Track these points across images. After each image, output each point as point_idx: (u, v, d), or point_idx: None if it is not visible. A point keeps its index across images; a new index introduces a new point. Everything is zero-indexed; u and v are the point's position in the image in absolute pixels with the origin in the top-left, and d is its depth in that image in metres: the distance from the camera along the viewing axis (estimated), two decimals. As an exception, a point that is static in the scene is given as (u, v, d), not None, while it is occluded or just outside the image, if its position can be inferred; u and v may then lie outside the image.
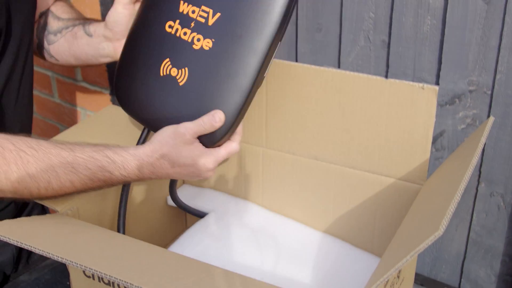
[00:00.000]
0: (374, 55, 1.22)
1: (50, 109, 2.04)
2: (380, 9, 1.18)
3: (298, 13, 1.28)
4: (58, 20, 1.33)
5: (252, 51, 0.99)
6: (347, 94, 1.07)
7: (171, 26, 1.04)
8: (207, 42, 1.01)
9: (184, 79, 1.03)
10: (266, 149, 1.22)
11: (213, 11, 1.00)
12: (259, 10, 0.98)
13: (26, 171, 0.97)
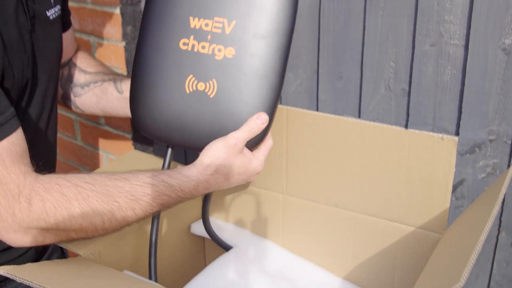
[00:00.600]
0: (395, 104, 1.23)
1: (73, 151, 2.07)
2: (400, 58, 1.20)
3: (319, 61, 1.30)
4: (84, 73, 1.37)
5: (277, 49, 1.04)
6: (367, 143, 1.08)
7: (186, 43, 1.06)
8: (230, 51, 1.04)
9: (213, 91, 1.05)
10: (287, 196, 1.24)
11: (228, 20, 1.04)
12: (274, 9, 1.03)
13: (88, 205, 0.98)
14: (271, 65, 1.04)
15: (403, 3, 1.15)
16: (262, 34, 1.04)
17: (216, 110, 1.06)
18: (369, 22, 1.20)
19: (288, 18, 1.04)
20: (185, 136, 1.09)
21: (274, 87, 1.05)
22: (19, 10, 1.09)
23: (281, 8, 1.03)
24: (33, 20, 1.14)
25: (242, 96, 1.05)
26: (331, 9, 1.24)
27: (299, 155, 1.18)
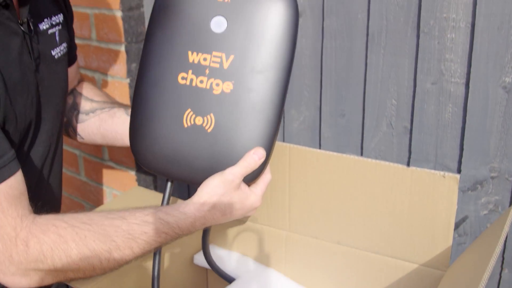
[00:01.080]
0: (397, 141, 1.25)
1: (76, 186, 2.08)
2: (402, 97, 1.22)
3: (321, 99, 1.32)
4: (91, 102, 1.39)
5: (275, 84, 1.04)
6: (369, 181, 1.10)
7: (184, 78, 1.07)
8: (227, 85, 1.05)
9: (211, 125, 1.06)
10: (289, 233, 1.24)
11: (226, 55, 1.05)
12: (272, 44, 1.04)
13: (86, 246, 0.98)
14: (269, 100, 1.05)
15: (405, 42, 1.18)
16: (260, 69, 1.04)
17: (213, 145, 1.06)
18: (371, 61, 1.23)
19: (287, 53, 1.05)
20: (183, 170, 1.10)
21: (272, 122, 1.05)
22: (24, 50, 1.11)
23: (279, 43, 1.04)
24: (38, 60, 1.16)
25: (240, 131, 1.05)
26: (333, 47, 1.27)
27: (302, 192, 1.19)
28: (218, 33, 1.06)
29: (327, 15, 1.25)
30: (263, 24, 1.04)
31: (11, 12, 1.09)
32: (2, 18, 1.07)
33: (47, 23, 1.22)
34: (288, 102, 1.38)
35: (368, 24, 1.21)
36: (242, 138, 1.05)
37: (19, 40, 1.10)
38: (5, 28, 1.08)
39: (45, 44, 1.20)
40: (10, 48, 1.08)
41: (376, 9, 1.19)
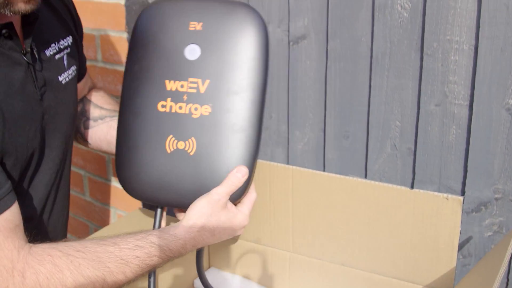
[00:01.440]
0: (401, 163, 1.26)
1: (81, 207, 2.10)
2: (406, 118, 1.23)
3: (326, 120, 1.33)
4: (100, 109, 1.41)
5: (252, 103, 1.08)
6: (373, 203, 1.10)
7: (164, 106, 1.11)
8: (205, 108, 1.08)
9: (193, 148, 1.08)
10: (293, 254, 1.25)
11: (202, 80, 1.09)
12: (246, 66, 1.08)
13: (80, 274, 0.99)
14: (247, 119, 1.08)
15: (408, 64, 1.19)
16: (236, 90, 1.08)
17: (197, 167, 1.09)
18: (375, 83, 1.24)
19: (260, 73, 1.09)
20: (170, 195, 1.12)
21: (252, 140, 1.09)
22: (28, 80, 1.12)
23: (252, 65, 1.08)
24: (44, 88, 1.16)
25: (221, 151, 1.08)
26: (337, 70, 1.28)
27: (306, 213, 1.20)
28: (193, 60, 1.10)
29: (331, 37, 1.27)
30: (236, 48, 1.09)
31: (15, 42, 1.09)
32: (5, 48, 1.08)
33: (55, 48, 1.22)
34: (292, 123, 1.39)
35: (372, 46, 1.22)
36: (224, 158, 1.08)
37: (23, 70, 1.11)
38: (8, 59, 1.08)
39: (51, 70, 1.20)
40: (13, 79, 1.08)
41: (380, 32, 1.20)
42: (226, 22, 1.11)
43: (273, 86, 1.39)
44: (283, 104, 1.39)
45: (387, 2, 1.17)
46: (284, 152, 1.43)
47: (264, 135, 1.45)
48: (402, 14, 1.17)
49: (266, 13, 1.35)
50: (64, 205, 1.34)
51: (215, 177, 1.08)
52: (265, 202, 1.26)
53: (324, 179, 1.16)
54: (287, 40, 1.34)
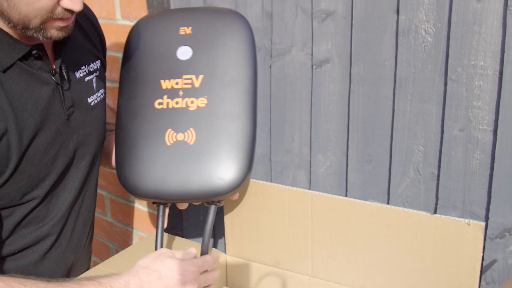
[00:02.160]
0: (424, 188, 1.26)
1: (102, 227, 2.12)
2: (429, 143, 1.23)
3: (348, 144, 1.34)
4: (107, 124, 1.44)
5: (245, 93, 1.15)
6: (394, 228, 1.11)
7: (160, 103, 1.17)
8: (201, 100, 1.15)
9: (192, 138, 1.14)
10: (312, 278, 1.25)
11: (196, 76, 1.17)
12: (237, 60, 1.17)
13: None
14: (241, 108, 1.14)
15: (432, 89, 1.19)
16: (229, 81, 1.15)
17: (197, 155, 1.13)
18: (398, 107, 1.25)
19: (250, 65, 1.18)
20: (173, 187, 1.15)
21: (247, 127, 1.15)
22: (55, 100, 1.15)
23: (241, 58, 1.17)
24: (72, 109, 1.20)
25: (220, 138, 1.13)
26: (360, 93, 1.29)
27: (325, 238, 1.21)
28: (185, 60, 1.18)
29: (354, 61, 1.28)
30: (224, 45, 1.18)
31: (44, 62, 1.13)
32: (34, 68, 1.12)
33: (85, 70, 1.26)
34: (314, 146, 1.40)
35: (396, 70, 1.23)
36: (222, 145, 1.13)
37: (51, 90, 1.15)
38: (37, 79, 1.13)
39: (81, 92, 1.24)
40: (40, 98, 1.12)
41: (404, 56, 1.21)
42: (213, 24, 1.20)
43: (296, 109, 1.41)
44: (305, 127, 1.41)
45: (411, 27, 1.19)
46: (306, 175, 1.44)
47: (286, 158, 1.46)
48: (426, 39, 1.18)
49: (289, 37, 1.37)
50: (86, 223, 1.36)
51: (215, 163, 1.12)
52: (284, 226, 1.27)
53: (344, 204, 1.17)
54: (310, 63, 1.35)
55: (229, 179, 1.13)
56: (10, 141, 1.07)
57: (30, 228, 1.20)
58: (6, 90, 1.07)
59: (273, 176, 1.50)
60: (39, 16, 1.02)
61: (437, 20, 1.15)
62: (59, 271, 1.31)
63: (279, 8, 1.37)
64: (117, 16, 1.72)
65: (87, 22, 1.34)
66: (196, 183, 1.12)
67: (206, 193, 1.14)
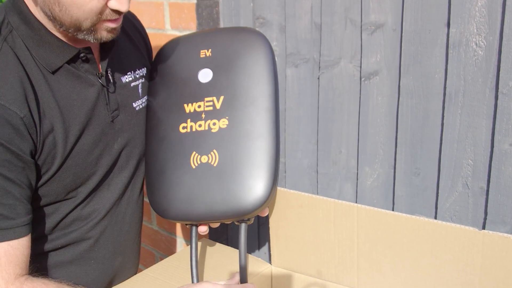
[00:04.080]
0: (472, 202, 1.26)
1: (148, 235, 2.16)
2: (479, 157, 1.23)
3: (396, 157, 1.35)
4: None
5: (265, 112, 1.17)
6: (440, 243, 1.11)
7: (184, 127, 1.21)
8: (223, 122, 1.18)
9: (216, 160, 1.17)
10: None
11: (216, 97, 1.20)
12: (257, 80, 1.19)
13: None
14: (262, 126, 1.16)
15: (482, 103, 1.20)
16: (249, 101, 1.17)
17: (221, 176, 1.16)
18: (447, 121, 1.25)
19: (270, 83, 1.19)
20: (199, 208, 1.18)
21: (269, 145, 1.16)
22: (100, 102, 1.21)
23: (261, 77, 1.19)
24: (117, 112, 1.25)
25: (243, 158, 1.15)
26: (409, 106, 1.30)
27: (371, 251, 1.22)
28: (206, 82, 1.22)
29: (403, 74, 1.30)
30: (244, 64, 1.20)
31: (91, 65, 1.19)
32: (81, 71, 1.18)
33: (131, 76, 1.31)
34: (362, 159, 1.41)
35: (446, 84, 1.24)
36: (246, 164, 1.15)
37: (96, 92, 1.20)
38: (83, 81, 1.19)
39: (126, 96, 1.29)
40: (85, 100, 1.19)
41: (454, 70, 1.22)
42: (232, 44, 1.23)
43: (343, 121, 1.42)
44: (353, 140, 1.42)
45: (462, 40, 1.19)
46: (353, 187, 1.45)
47: (332, 169, 1.48)
48: (477, 52, 1.18)
49: (338, 48, 1.39)
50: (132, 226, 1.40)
51: (239, 183, 1.15)
52: (329, 239, 1.28)
53: (390, 218, 1.18)
54: (358, 75, 1.37)
55: (254, 198, 1.15)
56: (56, 139, 1.14)
57: (74, 226, 1.26)
58: (54, 90, 1.14)
59: (319, 188, 1.52)
60: (90, 18, 1.08)
61: (488, 33, 1.16)
62: (106, 272, 1.35)
63: (328, 20, 1.39)
64: (166, 26, 1.77)
65: (134, 31, 1.40)
66: (222, 204, 1.15)
67: (233, 213, 1.17)
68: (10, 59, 1.10)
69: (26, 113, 1.07)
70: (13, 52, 1.11)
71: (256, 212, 1.18)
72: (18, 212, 1.09)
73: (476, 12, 1.16)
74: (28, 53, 1.12)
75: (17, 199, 1.09)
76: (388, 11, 1.29)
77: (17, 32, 1.12)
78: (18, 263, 1.10)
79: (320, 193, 1.52)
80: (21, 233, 1.10)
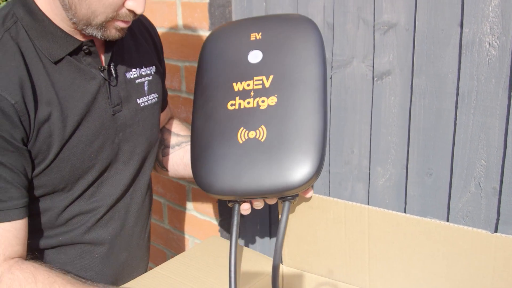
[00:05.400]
0: (485, 202, 1.26)
1: (159, 234, 2.17)
2: (492, 157, 1.23)
3: (408, 157, 1.35)
4: (177, 136, 1.50)
5: (314, 91, 1.18)
6: (452, 245, 1.11)
7: (233, 104, 1.22)
8: (272, 99, 1.19)
9: (264, 135, 1.18)
10: (370, 291, 1.26)
11: (266, 76, 1.21)
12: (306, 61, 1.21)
13: None
14: (311, 105, 1.17)
15: (495, 103, 1.20)
16: (299, 80, 1.19)
17: (269, 152, 1.17)
18: (460, 121, 1.25)
19: (319, 64, 1.20)
20: (246, 183, 1.18)
21: (318, 123, 1.16)
22: (101, 96, 1.23)
23: (310, 58, 1.21)
24: (119, 107, 1.26)
25: (290, 134, 1.16)
26: (422, 106, 1.30)
27: (382, 252, 1.22)
28: (256, 63, 1.23)
29: (416, 74, 1.30)
30: (293, 47, 1.22)
31: (94, 59, 1.21)
32: (83, 64, 1.20)
33: (136, 73, 1.32)
34: (374, 159, 1.41)
35: (458, 84, 1.24)
36: (293, 141, 1.16)
37: (98, 85, 1.22)
38: (85, 74, 1.21)
39: (130, 91, 1.30)
40: (86, 93, 1.20)
41: (467, 70, 1.22)
42: (283, 28, 1.25)
43: (356, 121, 1.43)
44: (365, 140, 1.42)
45: (475, 40, 1.19)
46: (365, 187, 1.45)
47: (345, 169, 1.48)
48: (490, 52, 1.18)
49: (350, 48, 1.39)
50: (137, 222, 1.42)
51: (287, 158, 1.15)
52: (340, 240, 1.28)
53: (401, 220, 1.18)
54: (371, 75, 1.37)
55: (301, 172, 1.15)
56: (52, 128, 1.15)
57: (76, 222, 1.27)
58: (53, 81, 1.16)
59: (331, 187, 1.52)
60: (105, 13, 1.10)
61: (502, 33, 1.16)
62: (110, 266, 1.37)
63: (340, 19, 1.40)
64: (179, 26, 1.78)
65: (143, 30, 1.41)
66: (269, 178, 1.16)
67: (279, 188, 1.16)
68: (8, 49, 1.12)
69: (18, 99, 1.09)
70: (14, 42, 1.13)
71: (302, 188, 1.18)
72: (9, 195, 1.11)
73: (490, 12, 1.16)
74: (31, 44, 1.14)
75: (9, 182, 1.11)
76: (401, 10, 1.29)
77: (21, 22, 1.14)
78: (8, 245, 1.11)
79: (332, 193, 1.53)
80: (14, 215, 1.12)
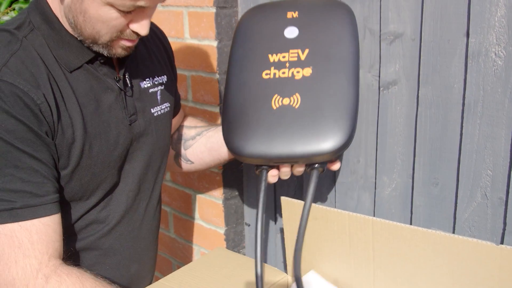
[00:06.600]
0: (491, 212, 1.26)
1: (165, 243, 2.17)
2: (498, 167, 1.23)
3: (414, 167, 1.35)
4: (195, 128, 1.52)
5: (348, 66, 1.23)
6: (457, 257, 1.11)
7: (267, 74, 1.25)
8: (307, 70, 1.23)
9: (298, 102, 1.21)
10: (376, 301, 1.26)
11: (301, 50, 1.26)
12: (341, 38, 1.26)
13: None
14: (345, 77, 1.21)
15: (502, 113, 1.20)
16: (334, 55, 1.23)
17: (302, 118, 1.20)
18: (466, 131, 1.25)
19: (353, 43, 1.25)
20: (278, 147, 1.20)
21: (351, 95, 1.21)
22: (117, 105, 1.24)
23: (345, 36, 1.25)
24: (134, 116, 1.27)
25: (324, 103, 1.20)
26: (428, 116, 1.30)
27: (387, 263, 1.22)
28: (292, 38, 1.28)
29: (422, 84, 1.30)
30: (329, 25, 1.26)
31: (109, 70, 1.22)
32: (100, 73, 1.21)
33: (149, 82, 1.33)
34: (380, 168, 1.42)
35: (465, 94, 1.24)
36: (327, 108, 1.19)
37: (114, 95, 1.23)
38: (101, 83, 1.22)
39: (144, 101, 1.31)
40: (102, 102, 1.21)
41: (473, 80, 1.22)
42: (319, 9, 1.29)
43: (362, 131, 1.43)
44: (371, 149, 1.43)
45: (481, 50, 1.20)
46: (371, 197, 1.45)
47: (350, 179, 1.48)
48: (497, 62, 1.19)
49: (357, 58, 1.40)
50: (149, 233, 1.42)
51: (319, 125, 1.19)
52: (345, 251, 1.28)
53: (406, 232, 1.18)
54: (377, 85, 1.38)
55: (333, 139, 1.18)
56: (75, 135, 1.15)
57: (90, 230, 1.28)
58: (73, 87, 1.18)
59: (337, 197, 1.53)
60: (110, 33, 1.11)
61: (508, 43, 1.16)
62: (121, 278, 1.37)
63: (347, 29, 1.40)
64: (185, 35, 1.79)
65: (155, 39, 1.42)
66: (300, 144, 1.18)
67: (309, 153, 1.19)
68: (29, 53, 1.13)
69: (43, 101, 1.10)
70: (33, 48, 1.13)
71: (332, 154, 1.20)
72: (46, 189, 1.11)
73: (496, 22, 1.16)
74: (49, 51, 1.15)
75: (45, 177, 1.10)
76: (407, 21, 1.30)
77: (38, 31, 1.15)
78: (50, 241, 1.10)
79: (338, 202, 1.53)
80: (52, 210, 1.11)
